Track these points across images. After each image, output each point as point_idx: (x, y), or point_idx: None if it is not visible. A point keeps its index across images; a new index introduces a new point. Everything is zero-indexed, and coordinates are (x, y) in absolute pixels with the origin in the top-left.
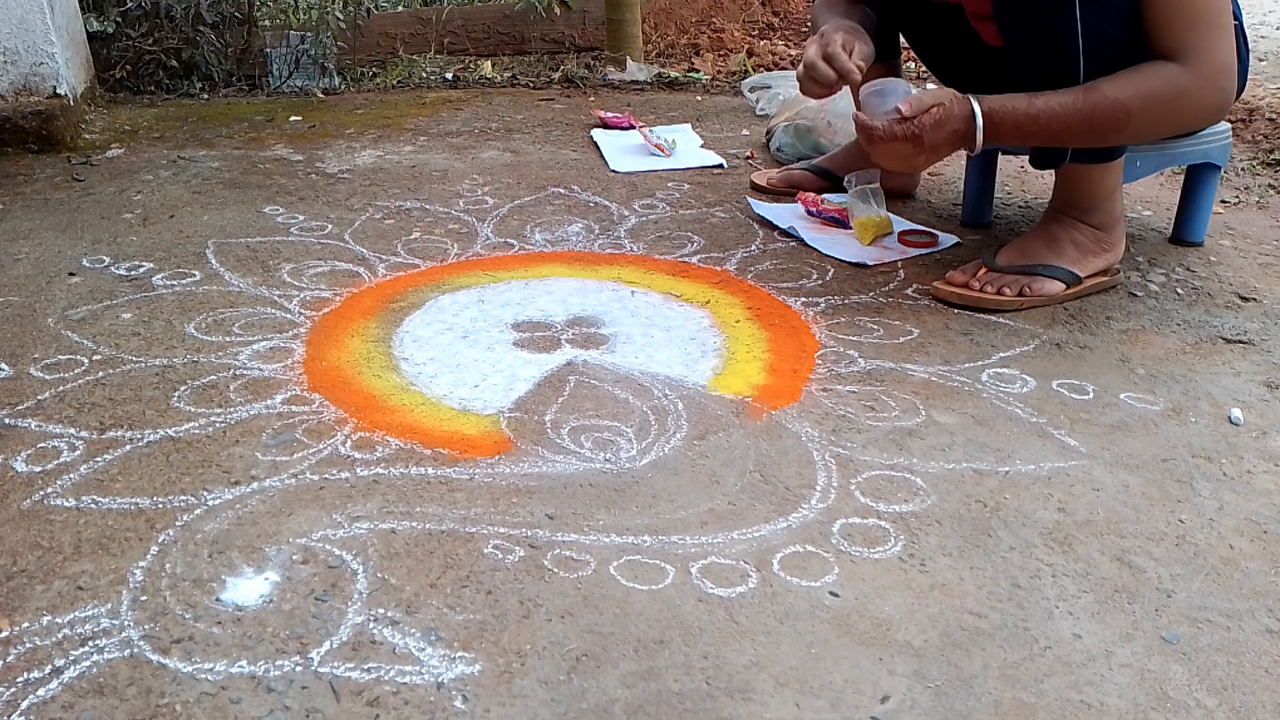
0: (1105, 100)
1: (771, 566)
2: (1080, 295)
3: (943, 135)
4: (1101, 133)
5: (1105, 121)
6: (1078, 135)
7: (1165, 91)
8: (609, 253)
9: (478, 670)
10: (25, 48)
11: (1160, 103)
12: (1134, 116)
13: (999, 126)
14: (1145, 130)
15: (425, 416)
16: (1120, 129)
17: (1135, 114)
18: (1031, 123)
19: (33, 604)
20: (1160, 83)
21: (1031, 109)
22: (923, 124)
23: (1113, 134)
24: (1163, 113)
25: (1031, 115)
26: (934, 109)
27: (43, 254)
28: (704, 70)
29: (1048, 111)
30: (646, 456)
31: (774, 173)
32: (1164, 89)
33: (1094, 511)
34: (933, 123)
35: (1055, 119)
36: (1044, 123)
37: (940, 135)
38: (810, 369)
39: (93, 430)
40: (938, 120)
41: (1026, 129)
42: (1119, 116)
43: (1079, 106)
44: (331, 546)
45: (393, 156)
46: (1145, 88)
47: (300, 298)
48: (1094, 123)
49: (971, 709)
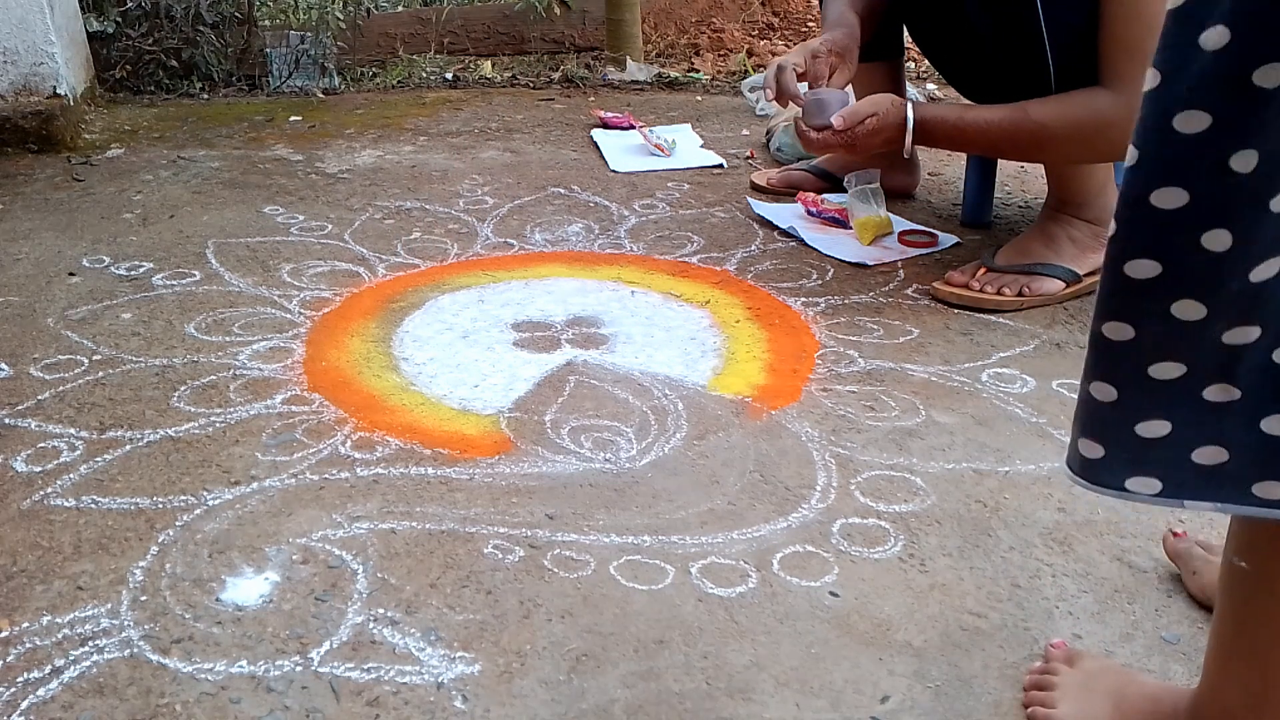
0: (1029, 122)
1: (771, 566)
2: (1080, 294)
3: (876, 141)
4: (1025, 151)
5: (1028, 142)
6: (1004, 150)
7: (1089, 121)
8: (609, 253)
9: (478, 670)
10: (25, 48)
11: (1083, 131)
12: (1056, 140)
13: (931, 135)
14: (1071, 154)
15: (425, 416)
16: (1043, 150)
17: (1058, 138)
18: (960, 134)
19: (33, 604)
20: (1085, 112)
21: (961, 122)
22: (856, 134)
23: (1036, 154)
24: (1086, 140)
25: (960, 128)
26: (869, 119)
27: (43, 254)
28: (704, 70)
29: (976, 126)
30: (646, 456)
31: (774, 172)
32: (1088, 118)
33: (1094, 511)
34: (866, 132)
35: (982, 134)
36: (971, 136)
37: (874, 142)
38: (810, 369)
39: (93, 430)
40: (871, 129)
41: (956, 139)
42: (1040, 139)
43: (1004, 125)
44: (331, 546)
45: (393, 156)
46: (1070, 115)
47: (300, 298)
48: (1017, 141)
49: (971, 709)
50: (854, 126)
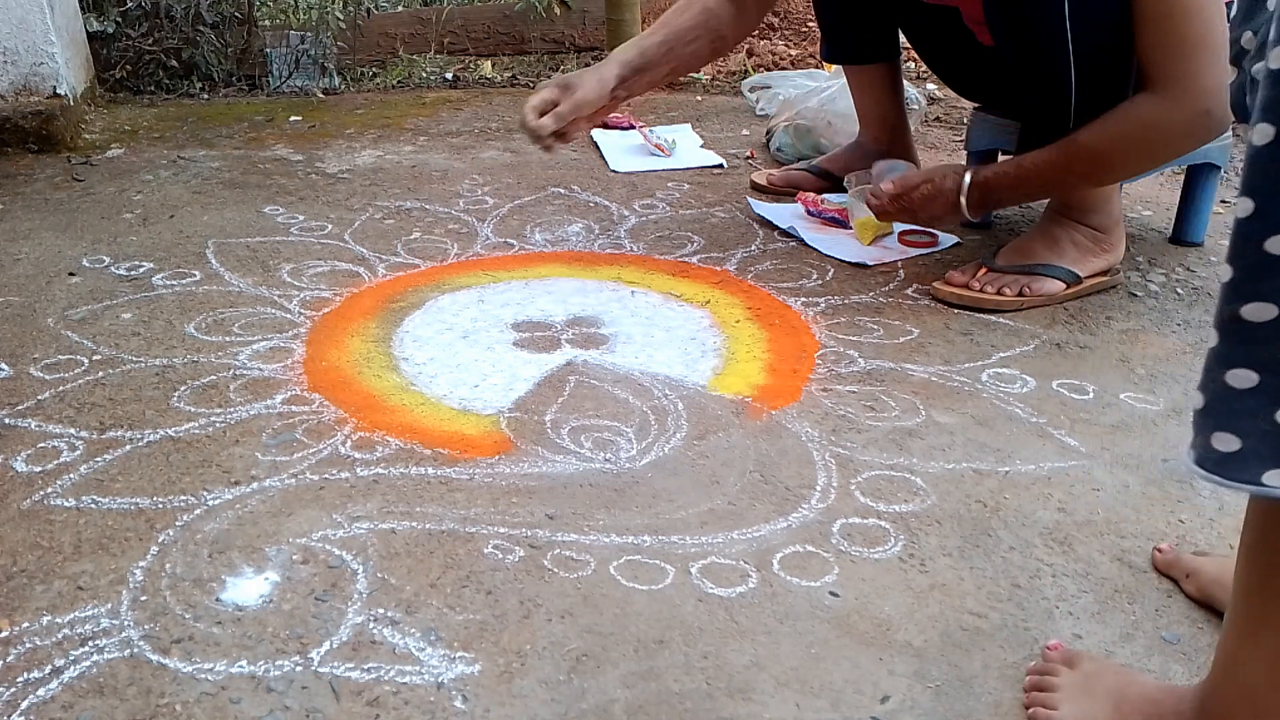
0: (1084, 150)
1: (771, 566)
2: (1080, 295)
3: (935, 208)
4: (1088, 179)
5: (1088, 170)
6: (1069, 185)
7: (1138, 130)
8: (609, 253)
9: (478, 670)
10: (25, 48)
11: (1140, 143)
12: (1116, 160)
13: (993, 193)
14: (1133, 168)
15: (425, 416)
16: (1106, 172)
17: (1117, 157)
18: (1021, 185)
19: (33, 604)
20: (1137, 124)
21: (1020, 173)
22: (913, 200)
23: (1100, 179)
24: (1148, 149)
25: (1020, 178)
26: (924, 185)
27: (43, 254)
28: (704, 70)
29: (1034, 172)
30: (646, 456)
31: (774, 172)
32: (1137, 128)
33: (1094, 511)
34: (921, 198)
35: (1041, 178)
36: (1032, 183)
37: (933, 208)
38: (810, 369)
39: (93, 430)
40: (927, 195)
41: (1019, 191)
42: (1100, 164)
43: (1060, 162)
44: (331, 546)
45: (393, 156)
46: (1122, 132)
47: (300, 298)
48: (1078, 173)
49: (971, 709)
50: (909, 193)
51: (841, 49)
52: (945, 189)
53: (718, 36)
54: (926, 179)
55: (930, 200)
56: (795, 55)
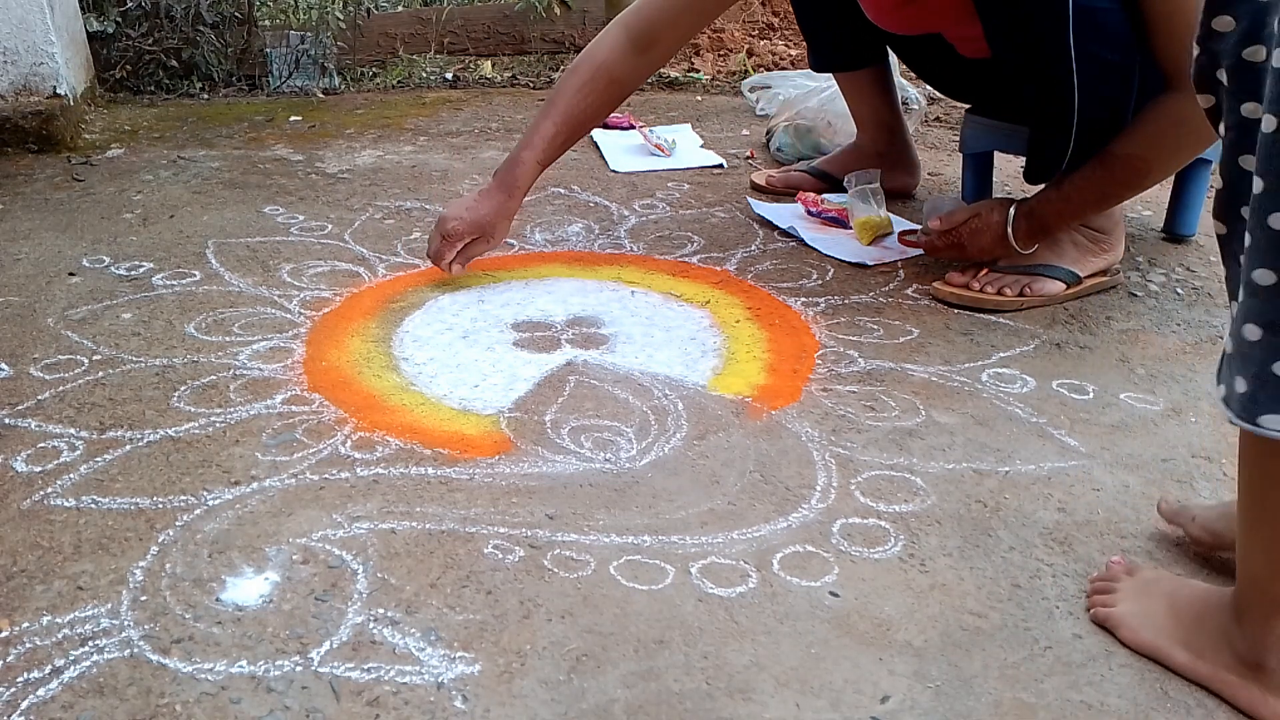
0: (1123, 159)
1: (771, 566)
2: (1080, 295)
3: (984, 242)
4: (1133, 186)
5: (1131, 177)
6: (1112, 197)
7: (1173, 128)
8: (609, 253)
9: (478, 670)
10: (25, 48)
11: (1170, 139)
12: (1154, 162)
13: (1043, 220)
14: (1171, 166)
15: (425, 416)
16: (1149, 176)
17: (1154, 160)
18: (1069, 206)
19: (33, 604)
20: (1169, 125)
21: (1066, 195)
22: (960, 234)
23: (1140, 184)
24: (1179, 147)
25: (1067, 200)
26: (971, 220)
27: (43, 254)
28: (704, 70)
29: (1080, 191)
30: (646, 456)
31: (774, 172)
32: (1171, 126)
33: (1094, 511)
34: (969, 232)
35: (1088, 195)
36: (1078, 202)
37: (982, 242)
38: (810, 369)
39: (93, 430)
40: (974, 229)
41: (1068, 213)
42: (1142, 170)
43: (1104, 176)
44: (331, 546)
45: (393, 156)
46: (1157, 135)
47: (300, 298)
48: (1120, 181)
49: (971, 709)
50: (956, 228)
51: (827, 57)
52: (992, 222)
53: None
54: (974, 213)
55: (977, 234)
56: (795, 55)
